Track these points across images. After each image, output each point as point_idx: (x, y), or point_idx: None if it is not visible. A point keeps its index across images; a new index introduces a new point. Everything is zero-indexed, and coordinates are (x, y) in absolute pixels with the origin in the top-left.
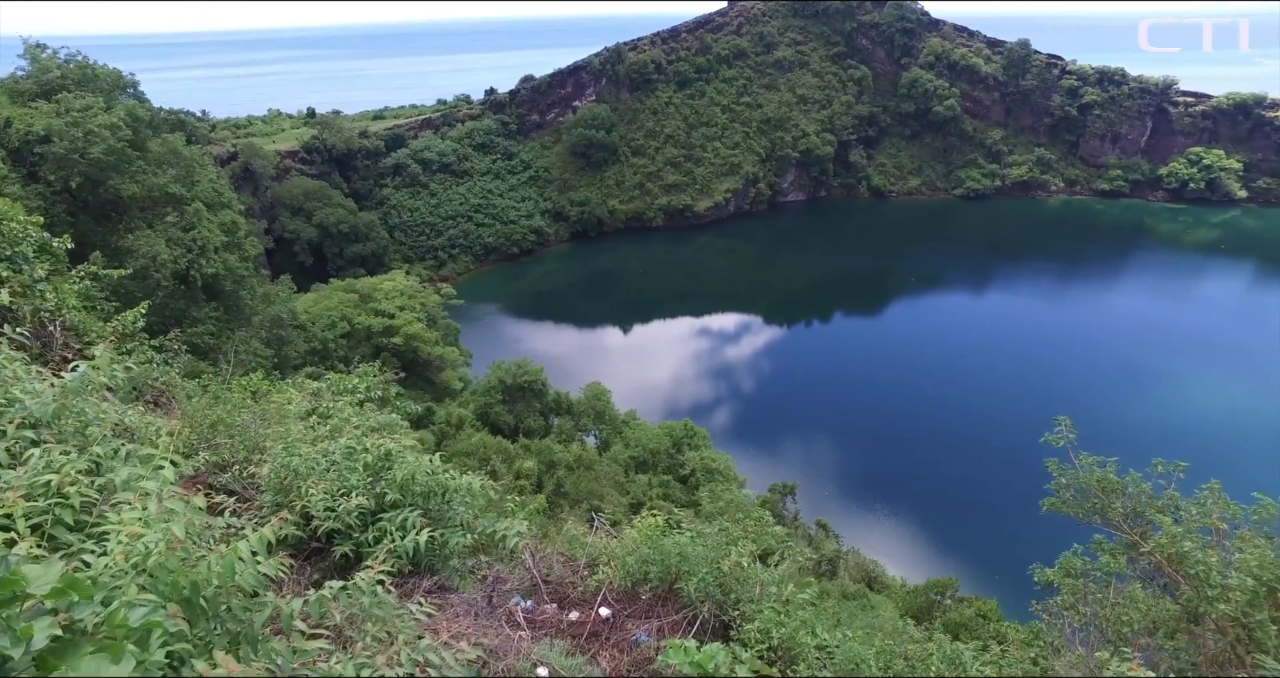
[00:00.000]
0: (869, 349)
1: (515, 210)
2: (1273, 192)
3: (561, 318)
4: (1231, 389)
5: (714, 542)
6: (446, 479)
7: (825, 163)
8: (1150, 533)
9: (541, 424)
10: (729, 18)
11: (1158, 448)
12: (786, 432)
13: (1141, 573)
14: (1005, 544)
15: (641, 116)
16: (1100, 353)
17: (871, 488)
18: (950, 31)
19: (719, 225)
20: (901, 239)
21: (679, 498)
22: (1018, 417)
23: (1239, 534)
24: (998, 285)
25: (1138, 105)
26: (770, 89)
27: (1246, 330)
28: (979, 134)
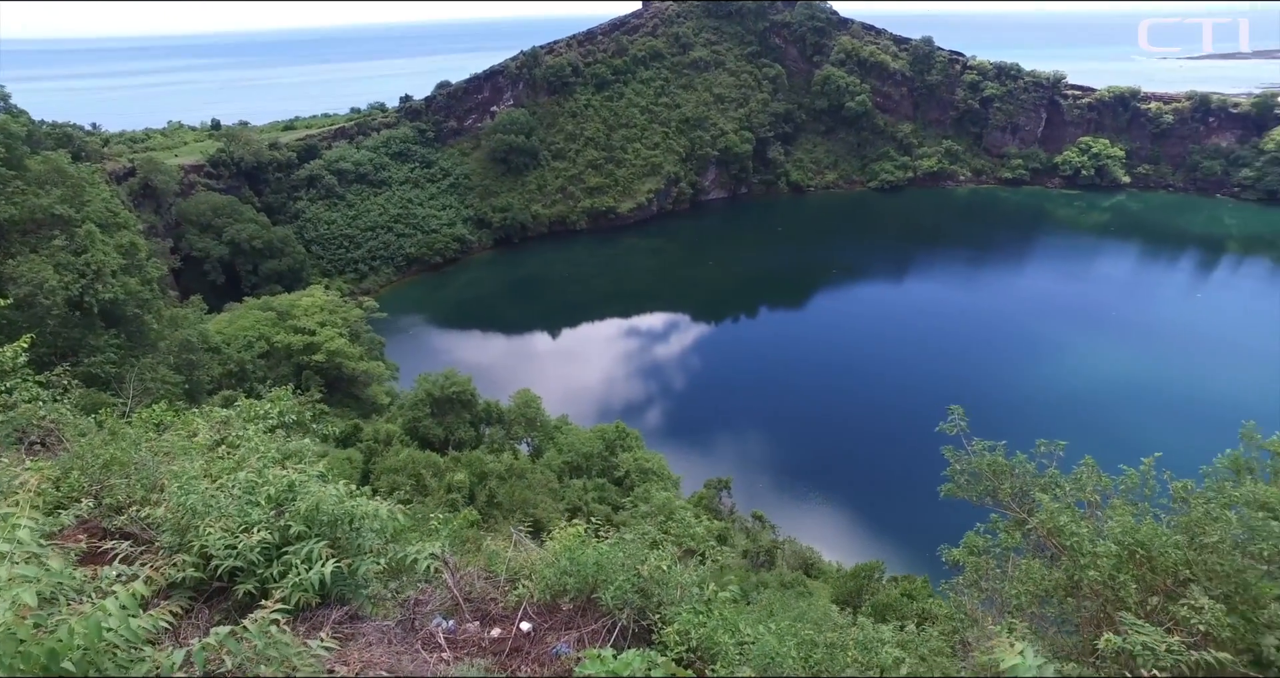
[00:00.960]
0: (795, 341)
1: (436, 219)
2: (1151, 177)
3: (489, 326)
4: (1122, 357)
5: (633, 548)
6: (353, 507)
7: (745, 160)
8: (1036, 510)
9: (472, 435)
10: (644, 19)
11: (1060, 414)
12: (719, 427)
13: (1033, 547)
14: (931, 523)
15: (561, 120)
16: (1009, 331)
17: (804, 476)
18: (859, 30)
19: (643, 226)
20: (822, 232)
21: (614, 501)
22: (937, 398)
23: (1110, 503)
24: (915, 273)
25: (1032, 98)
26: (688, 89)
27: (1135, 304)
28: (890, 128)
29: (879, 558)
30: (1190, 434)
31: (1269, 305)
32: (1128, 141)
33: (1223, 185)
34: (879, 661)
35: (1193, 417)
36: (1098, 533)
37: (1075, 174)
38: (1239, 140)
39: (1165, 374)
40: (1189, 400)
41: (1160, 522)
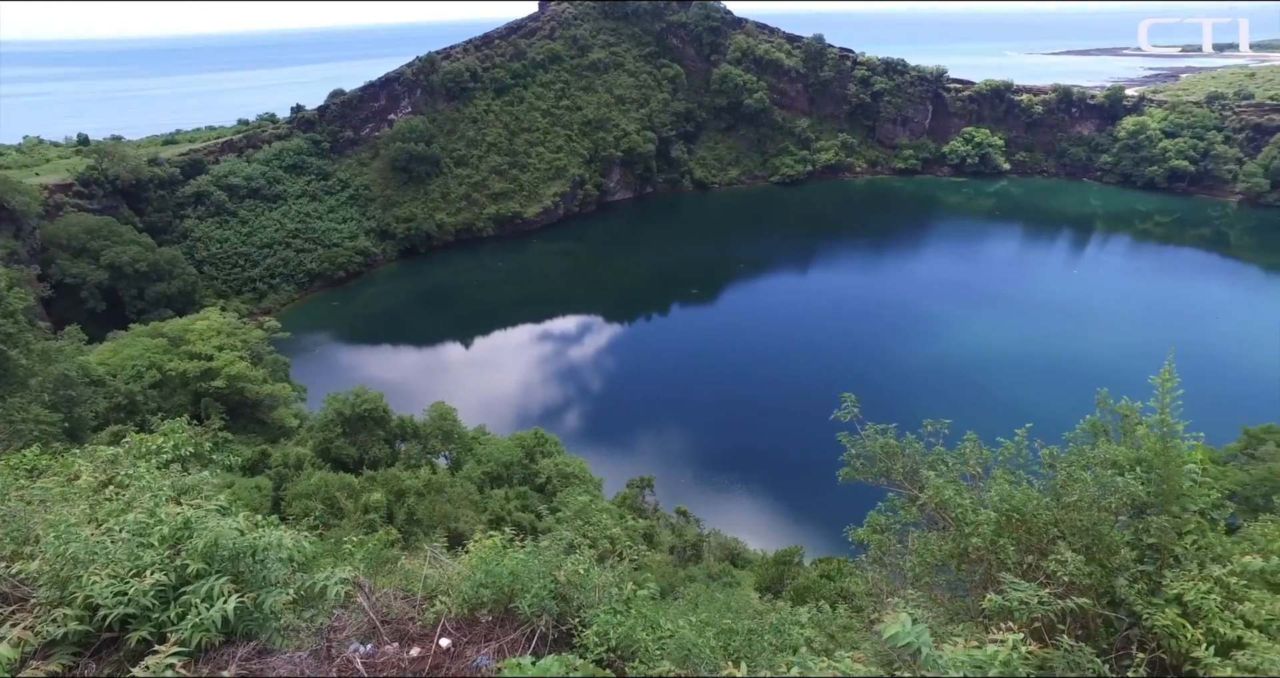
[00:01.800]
0: (708, 336)
1: (337, 232)
2: (1027, 163)
3: (398, 339)
4: (1009, 331)
5: (549, 554)
6: (257, 538)
7: (648, 160)
8: (925, 486)
9: (387, 452)
10: (541, 22)
11: (955, 386)
12: (639, 425)
13: (927, 521)
14: (847, 505)
15: (461, 126)
16: (909, 313)
17: (725, 468)
18: (753, 29)
19: (551, 230)
20: (728, 228)
21: (537, 508)
22: (844, 382)
23: (992, 474)
24: (819, 263)
25: (919, 91)
26: (588, 91)
27: (1020, 282)
28: (788, 123)
29: (800, 542)
30: (1067, 399)
31: (1131, 278)
32: (1005, 131)
33: (1088, 170)
34: (791, 641)
35: (1068, 383)
36: (980, 503)
37: (962, 162)
38: (1098, 129)
39: (1045, 345)
40: (1065, 368)
41: (1033, 487)
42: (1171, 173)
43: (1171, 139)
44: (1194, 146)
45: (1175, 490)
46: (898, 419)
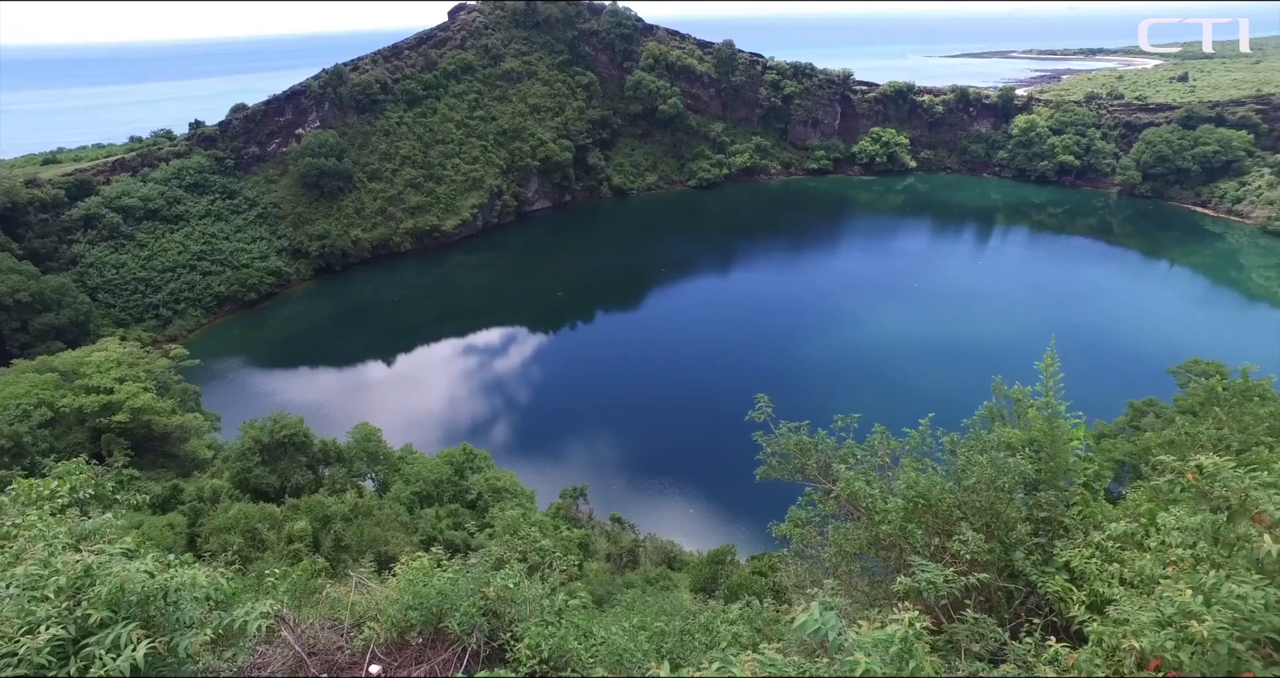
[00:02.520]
0: (633, 342)
1: (246, 253)
2: (932, 161)
3: (317, 361)
4: (922, 322)
5: (478, 571)
6: (168, 579)
7: (566, 168)
8: (838, 479)
9: (310, 479)
10: (451, 32)
11: (871, 377)
12: (569, 435)
13: (843, 512)
14: (777, 501)
15: (374, 139)
16: (827, 309)
17: (658, 472)
18: (664, 35)
19: (470, 242)
20: (648, 233)
21: (468, 526)
22: (767, 379)
23: (902, 463)
24: (739, 264)
25: (827, 94)
26: (502, 100)
27: (931, 274)
28: (703, 128)
29: (734, 541)
30: (974, 382)
31: (1030, 266)
32: (910, 130)
33: (986, 165)
34: (720, 638)
35: (974, 367)
36: (889, 491)
37: (871, 161)
38: (993, 127)
39: (954, 332)
40: (971, 353)
41: (938, 473)
42: (1060, 167)
43: (1058, 136)
44: (1078, 142)
45: (1061, 466)
46: (817, 411)
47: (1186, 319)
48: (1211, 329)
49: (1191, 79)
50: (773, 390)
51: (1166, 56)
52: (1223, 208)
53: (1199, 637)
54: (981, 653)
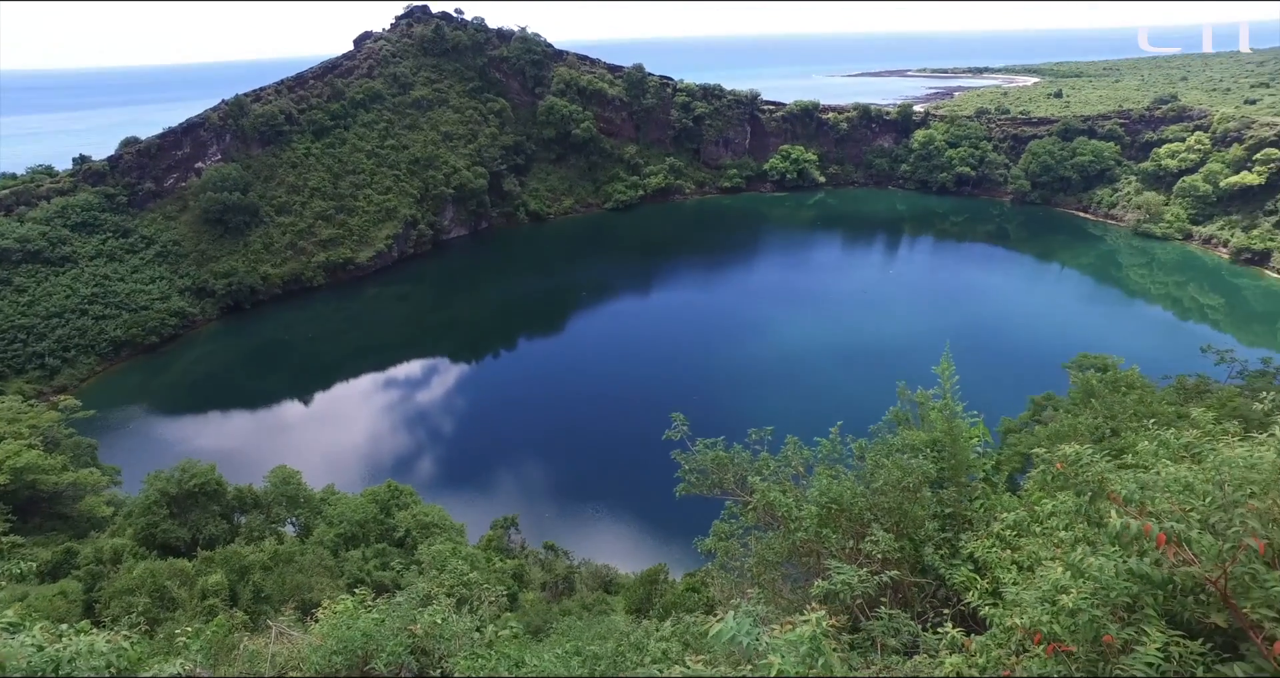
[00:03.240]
0: (557, 366)
1: (145, 294)
2: (840, 175)
3: (228, 404)
4: (837, 331)
5: (404, 609)
6: (58, 650)
7: (481, 195)
8: (754, 491)
9: (225, 529)
10: (358, 61)
11: (790, 387)
12: (498, 464)
13: (765, 523)
14: (708, 516)
15: (280, 171)
16: (746, 322)
17: (589, 497)
18: (574, 60)
19: (386, 273)
20: (567, 257)
21: (396, 565)
22: (689, 397)
23: (815, 471)
24: (659, 283)
25: (737, 114)
26: (414, 129)
27: (844, 285)
28: (617, 150)
29: (667, 559)
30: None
31: (936, 273)
32: (818, 147)
33: (891, 178)
34: (650, 655)
35: (887, 370)
36: (804, 499)
37: (782, 178)
38: (895, 141)
39: (866, 339)
40: (883, 357)
41: (849, 478)
42: (958, 178)
43: (954, 149)
44: (972, 155)
45: (963, 463)
46: (737, 423)
47: (1078, 316)
48: (1100, 324)
49: (1065, 95)
50: (694, 405)
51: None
52: (1100, 212)
53: (1067, 608)
54: (897, 647)
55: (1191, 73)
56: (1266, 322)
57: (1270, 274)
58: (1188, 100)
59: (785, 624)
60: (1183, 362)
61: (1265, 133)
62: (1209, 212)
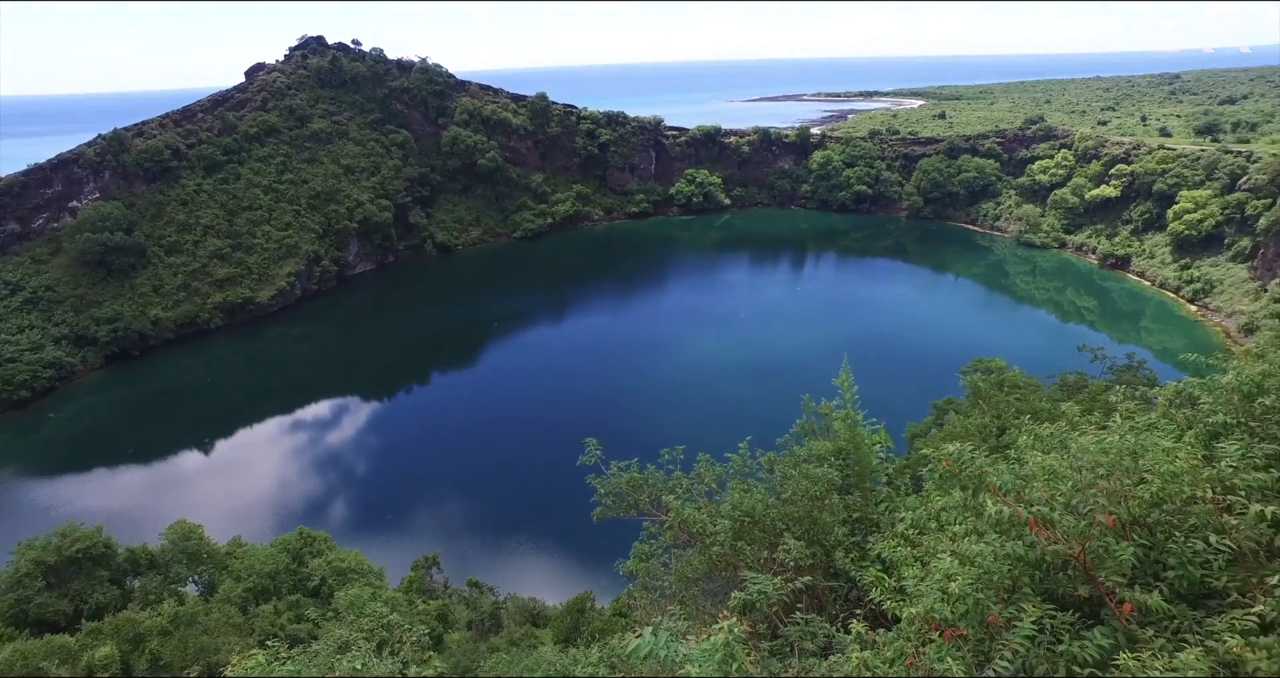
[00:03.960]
0: (471, 399)
1: (12, 345)
2: (745, 197)
3: (117, 460)
4: (747, 348)
5: (322, 658)
6: None
7: (386, 228)
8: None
9: (116, 595)
10: (250, 93)
11: (703, 405)
12: (415, 503)
13: (684, 541)
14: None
15: (169, 209)
16: (659, 344)
17: (511, 530)
18: (477, 90)
19: (289, 312)
20: (477, 288)
21: (312, 616)
22: (605, 420)
23: (730, 485)
24: (571, 310)
25: (641, 140)
26: (313, 163)
27: (754, 303)
28: (523, 179)
29: (594, 586)
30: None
31: (842, 287)
32: (722, 170)
33: (793, 198)
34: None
35: (796, 385)
36: (718, 514)
37: (689, 201)
38: (795, 163)
39: (776, 355)
40: (793, 371)
41: (760, 490)
42: (856, 196)
43: (851, 168)
44: (868, 174)
45: (867, 469)
46: (654, 443)
47: (974, 322)
48: (993, 329)
49: (949, 116)
50: (610, 429)
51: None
52: (986, 224)
53: (954, 595)
54: (814, 649)
55: (1053, 96)
56: (1131, 320)
57: (1132, 277)
58: (1053, 121)
59: (701, 635)
60: (1066, 360)
61: (1116, 150)
62: (1078, 221)
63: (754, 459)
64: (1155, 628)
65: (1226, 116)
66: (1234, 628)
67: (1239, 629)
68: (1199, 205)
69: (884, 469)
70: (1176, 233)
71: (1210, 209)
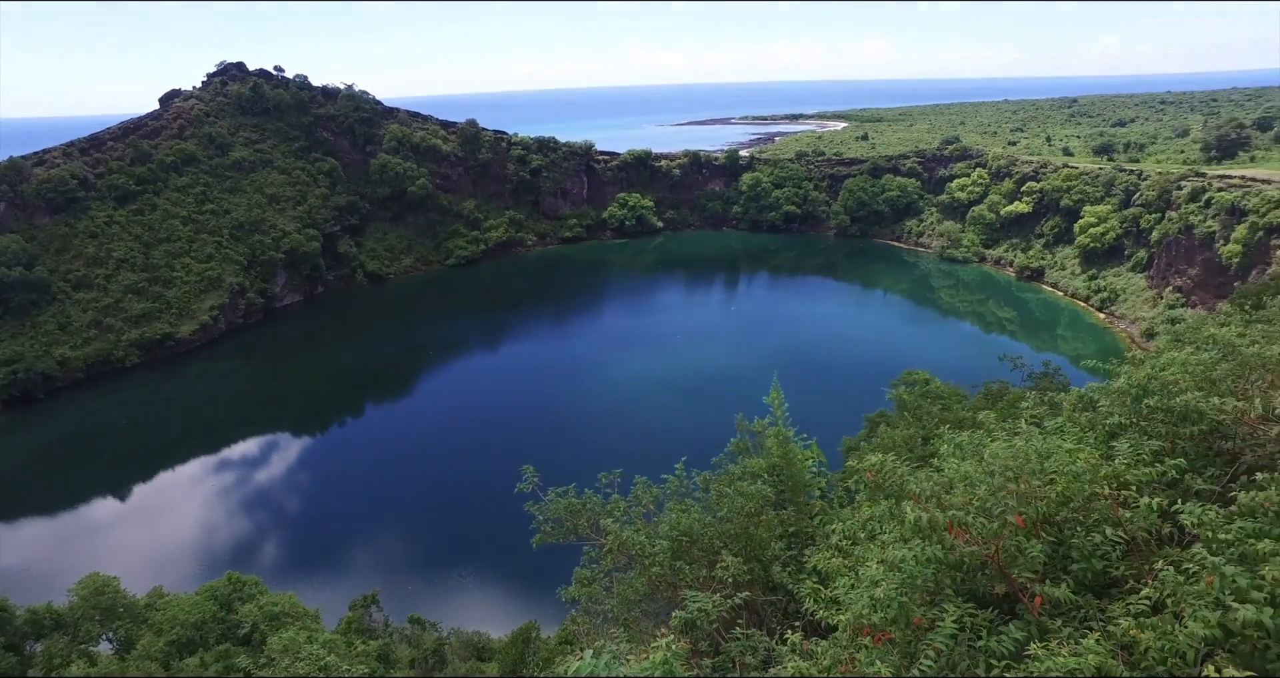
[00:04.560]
0: (408, 430)
1: None
2: (677, 219)
3: (15, 512)
4: (683, 368)
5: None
6: None
7: (315, 258)
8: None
9: (14, 663)
10: (165, 121)
11: (640, 425)
12: (351, 541)
13: (622, 564)
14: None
15: (76, 243)
16: (595, 367)
17: (452, 563)
18: (406, 117)
19: (213, 347)
20: (411, 316)
21: (244, 664)
22: (544, 447)
23: (668, 506)
24: (508, 336)
25: (573, 165)
26: (236, 192)
27: (690, 324)
28: (455, 206)
29: (540, 616)
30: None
31: (774, 305)
32: (654, 193)
33: (725, 220)
34: None
35: (732, 404)
36: (656, 535)
37: (621, 225)
38: (725, 185)
39: (712, 373)
40: (727, 391)
41: (698, 509)
42: (785, 216)
43: (780, 189)
44: (796, 194)
45: (800, 484)
46: (592, 466)
47: (903, 336)
48: (922, 341)
49: (871, 138)
50: (549, 454)
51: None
52: (911, 241)
53: (880, 600)
54: (755, 663)
55: (967, 118)
56: (1048, 329)
57: (1047, 288)
58: (968, 141)
59: (642, 655)
60: (990, 369)
61: (1026, 169)
62: (995, 236)
63: (690, 479)
64: (1064, 618)
65: (1119, 138)
66: (1129, 612)
67: (1133, 613)
68: (1101, 220)
69: (817, 483)
70: (1083, 246)
71: (1111, 223)
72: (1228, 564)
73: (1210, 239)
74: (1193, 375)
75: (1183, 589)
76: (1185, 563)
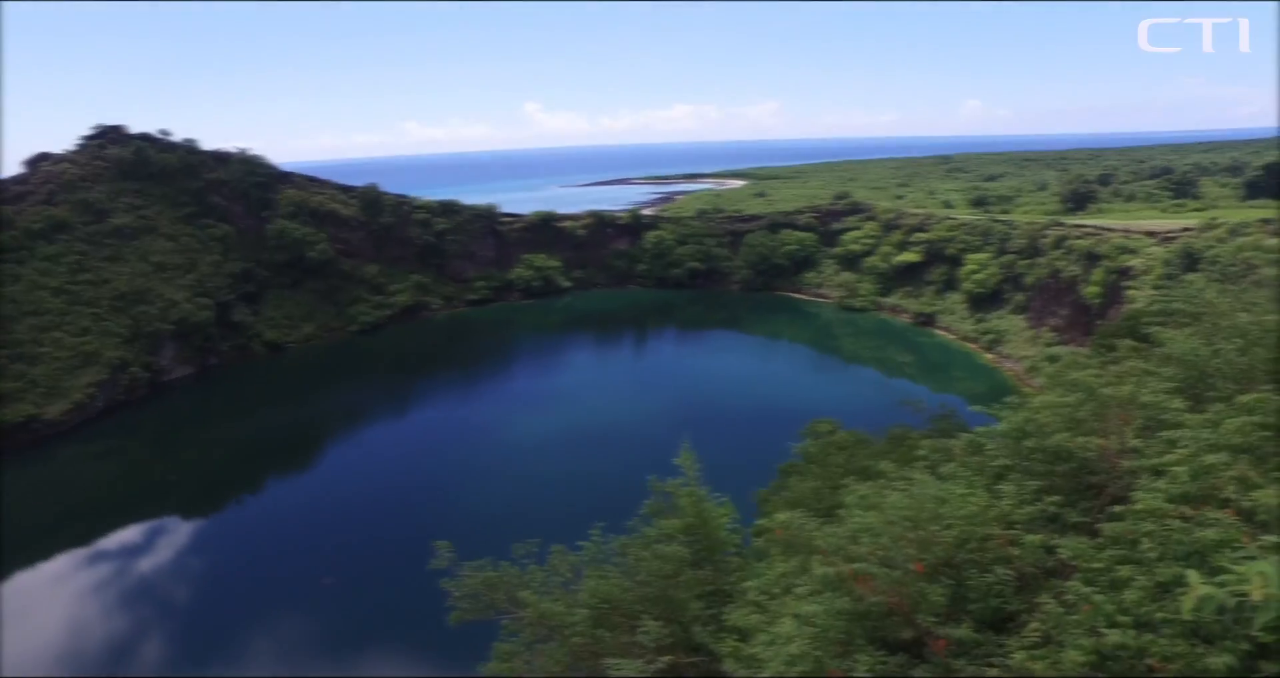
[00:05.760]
0: (310, 505)
1: None
2: (584, 279)
3: None
4: (595, 427)
5: None
6: None
7: (207, 329)
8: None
9: None
10: (32, 185)
11: (554, 485)
12: (249, 632)
13: (542, 636)
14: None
15: None
16: (505, 428)
17: (364, 651)
18: (303, 182)
19: (89, 428)
20: (313, 386)
21: None
22: (459, 518)
23: (586, 573)
24: (416, 402)
25: (477, 227)
26: (116, 261)
27: (599, 384)
28: (357, 272)
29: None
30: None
31: (684, 359)
32: (560, 254)
33: (631, 277)
34: None
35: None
36: (576, 603)
37: (529, 286)
38: (630, 244)
39: (623, 432)
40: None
41: (615, 574)
42: (690, 272)
43: (683, 246)
44: (699, 250)
45: (716, 542)
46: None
47: (811, 384)
48: (829, 389)
49: (768, 195)
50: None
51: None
52: (811, 292)
53: (795, 655)
54: None
55: (856, 174)
56: (944, 371)
57: (939, 332)
58: (858, 196)
59: None
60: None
61: (913, 221)
62: (889, 285)
63: (607, 543)
64: (967, 657)
65: (991, 191)
66: (1023, 645)
67: (1025, 645)
68: (982, 267)
69: (733, 540)
70: (969, 291)
71: (991, 270)
72: (1097, 593)
73: (1074, 282)
74: (1061, 417)
75: (1063, 620)
76: (1066, 594)
